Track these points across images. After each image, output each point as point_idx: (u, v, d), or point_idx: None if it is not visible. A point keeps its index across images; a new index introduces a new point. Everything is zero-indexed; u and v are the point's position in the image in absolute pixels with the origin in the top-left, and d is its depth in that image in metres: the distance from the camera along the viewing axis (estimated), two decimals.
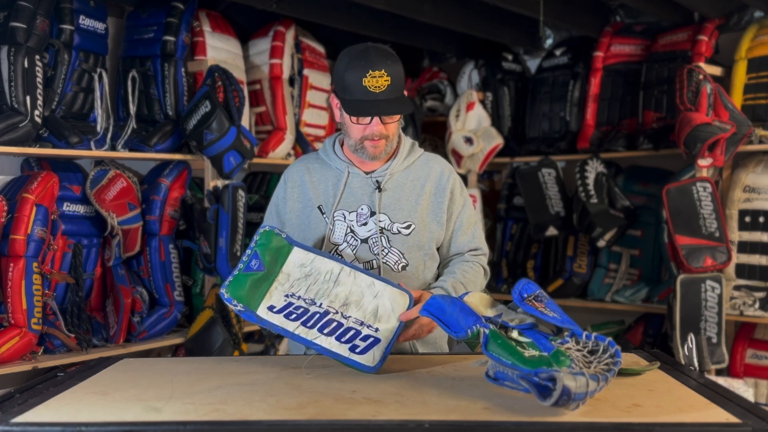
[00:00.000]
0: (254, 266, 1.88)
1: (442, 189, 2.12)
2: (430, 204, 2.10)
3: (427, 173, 2.13)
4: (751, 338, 3.71)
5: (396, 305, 1.89)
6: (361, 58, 1.95)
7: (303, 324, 1.83)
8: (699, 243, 3.52)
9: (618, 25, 4.28)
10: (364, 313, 1.87)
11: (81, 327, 3.05)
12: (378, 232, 2.05)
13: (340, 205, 2.07)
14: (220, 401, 1.53)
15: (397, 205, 2.08)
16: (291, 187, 2.15)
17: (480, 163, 4.43)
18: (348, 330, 1.83)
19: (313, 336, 1.82)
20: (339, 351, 1.80)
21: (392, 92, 1.95)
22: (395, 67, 1.96)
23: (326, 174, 2.13)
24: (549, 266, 4.46)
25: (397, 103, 1.96)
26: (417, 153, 2.16)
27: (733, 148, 3.52)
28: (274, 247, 1.92)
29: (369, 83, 1.93)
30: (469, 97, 4.50)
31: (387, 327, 1.85)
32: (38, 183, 2.89)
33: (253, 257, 1.90)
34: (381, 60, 1.94)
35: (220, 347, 3.27)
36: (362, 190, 2.09)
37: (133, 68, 3.41)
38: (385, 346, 1.82)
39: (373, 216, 2.06)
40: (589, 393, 1.35)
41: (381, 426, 1.38)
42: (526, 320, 1.63)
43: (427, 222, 2.09)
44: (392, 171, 2.10)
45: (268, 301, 1.86)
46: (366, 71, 1.92)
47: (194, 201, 3.50)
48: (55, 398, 1.59)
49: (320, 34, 4.22)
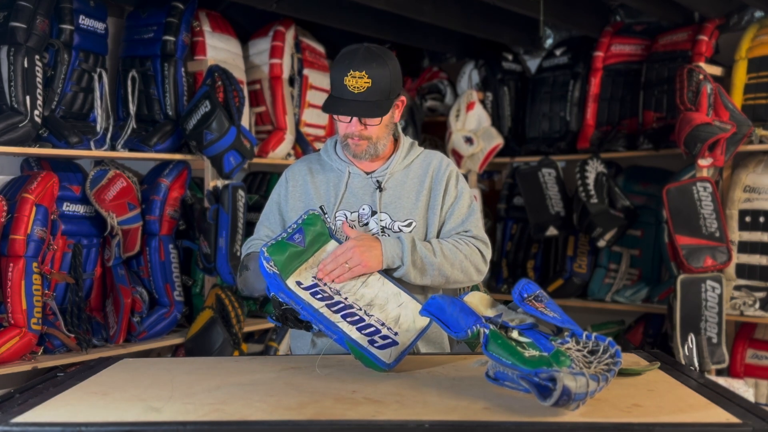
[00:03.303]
0: (297, 240, 1.90)
1: (438, 181, 2.12)
2: (429, 200, 2.11)
3: (426, 170, 2.14)
4: (751, 338, 3.71)
5: (418, 319, 1.88)
6: (347, 58, 1.96)
7: (328, 307, 1.84)
8: (699, 243, 3.52)
9: (618, 25, 4.28)
10: (386, 317, 1.87)
11: (81, 327, 3.05)
12: (380, 231, 2.06)
13: (342, 206, 2.08)
14: (220, 401, 1.53)
15: (397, 203, 2.08)
16: (293, 186, 2.16)
17: (480, 163, 4.43)
18: (369, 325, 1.83)
19: (336, 320, 1.81)
20: (359, 340, 1.79)
21: (371, 95, 1.94)
22: (380, 70, 1.94)
23: (327, 174, 2.14)
24: (549, 266, 4.46)
25: (372, 107, 1.96)
26: (416, 152, 2.17)
27: (734, 148, 3.52)
28: (318, 231, 1.96)
29: (348, 83, 1.94)
30: (469, 97, 4.50)
31: (406, 335, 1.86)
32: (38, 183, 2.88)
33: (298, 231, 1.92)
34: (365, 61, 1.94)
35: (220, 347, 3.27)
36: (363, 190, 2.09)
37: (133, 68, 3.41)
38: (402, 349, 1.82)
39: (375, 215, 2.07)
40: (589, 393, 1.35)
41: (381, 426, 1.38)
42: (526, 320, 1.63)
43: (427, 217, 2.10)
44: (392, 170, 2.10)
45: (297, 277, 1.88)
46: (347, 71, 1.93)
47: (194, 201, 3.50)
48: (55, 398, 1.59)
49: (320, 34, 4.22)
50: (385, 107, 1.98)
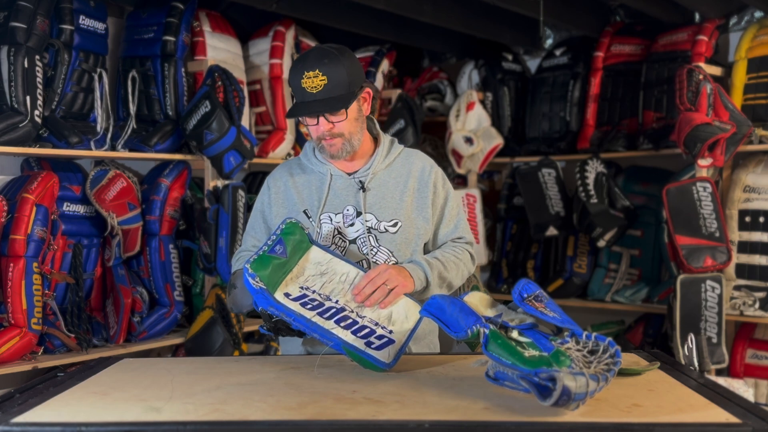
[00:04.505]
0: (278, 251, 1.88)
1: (425, 184, 2.13)
2: (414, 200, 2.11)
3: (408, 169, 2.14)
4: (751, 338, 3.71)
5: (410, 313, 1.90)
6: (300, 61, 1.97)
7: (319, 315, 1.82)
8: (699, 243, 3.52)
9: (618, 25, 4.28)
10: (378, 316, 1.87)
11: (81, 327, 3.05)
12: (366, 232, 2.05)
13: (326, 208, 2.08)
14: (220, 401, 1.53)
15: (382, 203, 2.08)
16: (275, 192, 2.15)
17: (480, 163, 4.43)
18: (363, 327, 1.83)
19: (330, 326, 1.80)
20: (355, 344, 1.78)
21: (330, 91, 1.94)
22: (333, 66, 1.94)
23: (309, 178, 2.13)
24: (549, 266, 4.46)
25: (331, 102, 1.96)
26: (397, 150, 2.16)
27: (733, 148, 3.51)
28: (297, 239, 1.93)
29: (306, 84, 1.94)
30: (469, 97, 4.50)
31: (401, 330, 1.86)
32: (38, 183, 2.89)
33: (278, 243, 1.89)
34: (316, 60, 1.94)
35: (220, 347, 3.27)
36: (346, 192, 2.09)
37: (133, 68, 3.41)
38: (399, 347, 1.82)
39: (360, 216, 2.06)
40: (589, 393, 1.35)
41: (381, 426, 1.38)
42: (526, 320, 1.63)
43: (413, 218, 2.10)
44: (374, 170, 2.10)
45: (285, 289, 1.86)
46: (302, 73, 1.94)
47: (194, 201, 3.50)
48: (55, 398, 1.59)
49: (320, 34, 4.22)
50: (347, 100, 1.98)
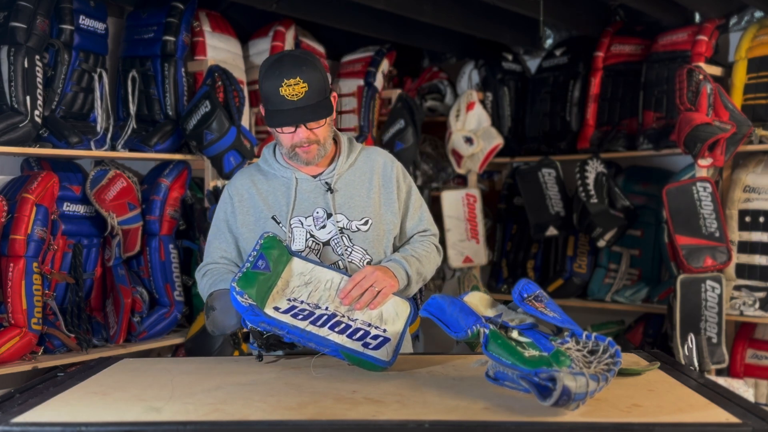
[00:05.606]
0: (261, 266, 1.87)
1: (388, 179, 2.15)
2: (381, 196, 2.13)
3: (371, 167, 2.15)
4: (751, 338, 3.71)
5: (399, 309, 1.92)
6: (275, 68, 1.95)
7: (312, 323, 1.82)
8: (699, 243, 3.52)
9: (618, 25, 4.28)
10: (369, 317, 1.88)
11: (81, 327, 3.05)
12: (338, 232, 2.06)
13: (295, 212, 2.07)
14: (220, 401, 1.53)
15: (350, 203, 2.09)
16: (238, 201, 2.13)
17: (480, 163, 4.42)
18: (358, 330, 1.84)
19: (325, 333, 1.80)
20: (353, 347, 1.79)
21: (311, 98, 1.94)
22: (311, 73, 1.94)
23: (273, 184, 2.12)
24: (549, 266, 4.46)
25: (316, 109, 1.96)
26: (357, 148, 2.17)
27: (733, 148, 3.51)
28: (278, 253, 1.92)
29: (285, 92, 1.92)
30: (469, 97, 4.50)
31: (394, 328, 1.87)
32: (38, 183, 2.89)
33: (260, 258, 1.88)
34: (294, 67, 1.93)
35: (220, 347, 3.27)
36: (314, 194, 2.09)
37: (133, 68, 3.41)
38: (395, 344, 1.83)
39: (330, 218, 2.07)
40: (589, 393, 1.35)
41: (381, 426, 1.38)
42: (526, 320, 1.64)
43: (381, 214, 2.11)
44: (339, 171, 2.11)
45: (273, 303, 1.85)
46: (281, 80, 1.92)
47: (194, 201, 3.50)
48: (55, 398, 1.59)
49: (320, 34, 4.22)
50: (328, 106, 1.99)
